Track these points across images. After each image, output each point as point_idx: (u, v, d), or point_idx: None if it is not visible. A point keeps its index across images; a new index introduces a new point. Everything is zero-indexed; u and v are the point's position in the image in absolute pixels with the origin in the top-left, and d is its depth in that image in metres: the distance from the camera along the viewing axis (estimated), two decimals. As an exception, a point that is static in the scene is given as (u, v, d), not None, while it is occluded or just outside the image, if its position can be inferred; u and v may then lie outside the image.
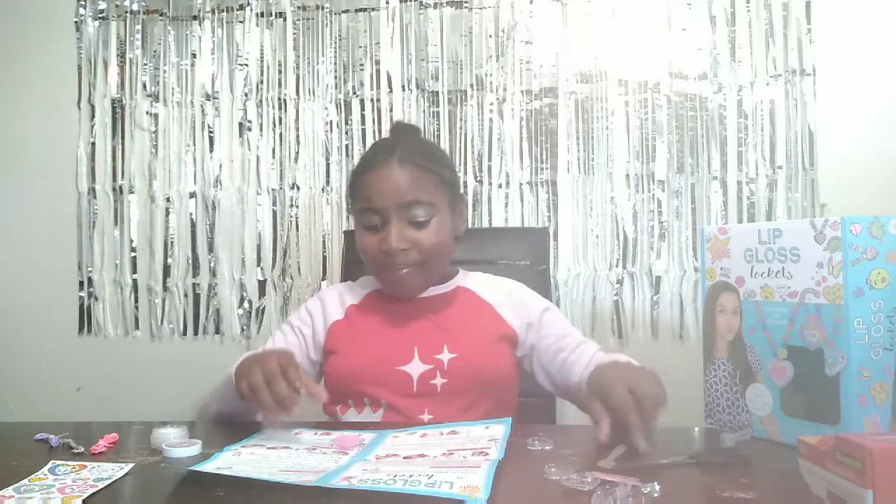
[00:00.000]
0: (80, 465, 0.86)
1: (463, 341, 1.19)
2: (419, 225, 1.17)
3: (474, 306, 1.25)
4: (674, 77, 1.92)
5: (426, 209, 1.17)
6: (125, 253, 2.07)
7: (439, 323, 1.21)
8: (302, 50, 2.02)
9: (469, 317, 1.23)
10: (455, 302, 1.25)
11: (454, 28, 1.98)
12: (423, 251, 1.17)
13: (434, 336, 1.19)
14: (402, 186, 1.16)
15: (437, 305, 1.24)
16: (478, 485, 0.72)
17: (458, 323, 1.22)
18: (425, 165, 1.19)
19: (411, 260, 1.17)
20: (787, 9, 1.89)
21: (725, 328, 1.02)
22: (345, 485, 0.73)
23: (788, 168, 1.89)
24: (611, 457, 0.84)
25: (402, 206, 1.16)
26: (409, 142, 1.22)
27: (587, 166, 1.94)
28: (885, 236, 0.87)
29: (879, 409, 0.86)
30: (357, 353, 1.20)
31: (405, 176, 1.17)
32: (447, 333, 1.20)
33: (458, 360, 1.17)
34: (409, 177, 1.17)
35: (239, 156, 2.04)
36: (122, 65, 2.07)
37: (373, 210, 1.17)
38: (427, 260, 1.19)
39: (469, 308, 1.24)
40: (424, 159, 1.20)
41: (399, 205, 1.16)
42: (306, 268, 2.01)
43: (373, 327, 1.23)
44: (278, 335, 1.28)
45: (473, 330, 1.21)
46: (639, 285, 1.92)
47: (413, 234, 1.17)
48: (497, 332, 1.22)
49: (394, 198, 1.16)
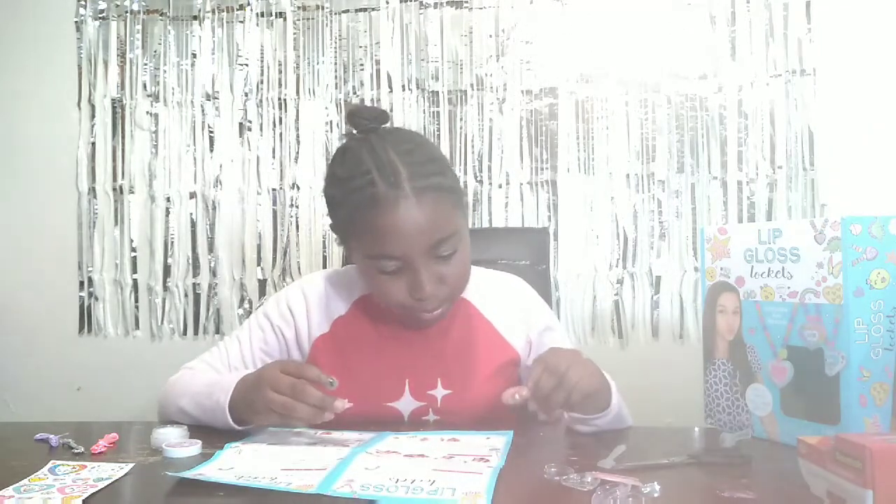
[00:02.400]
0: (80, 465, 0.86)
1: (458, 374, 1.10)
2: (446, 259, 1.03)
3: (474, 327, 1.14)
4: (674, 77, 1.92)
5: (453, 241, 1.02)
6: (125, 253, 2.07)
7: (434, 351, 1.11)
8: (302, 50, 2.02)
9: (468, 342, 1.13)
10: (454, 322, 1.13)
11: (454, 28, 1.98)
12: (454, 285, 1.06)
13: (428, 368, 1.10)
14: (425, 227, 0.98)
15: (433, 326, 1.11)
16: (480, 491, 0.72)
17: (455, 350, 1.12)
18: (439, 185, 1.01)
19: (443, 298, 1.05)
20: (787, 9, 1.89)
21: (725, 328, 1.02)
22: (346, 491, 0.73)
23: (788, 168, 1.89)
24: (611, 457, 0.84)
25: (430, 247, 1.00)
26: (405, 153, 1.02)
27: (587, 166, 1.94)
28: (885, 236, 0.87)
29: (879, 409, 0.86)
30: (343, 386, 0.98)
31: (426, 212, 0.98)
32: (442, 364, 1.10)
33: (453, 398, 1.09)
34: (431, 211, 0.99)
35: (239, 156, 2.04)
36: (122, 65, 2.07)
37: (391, 257, 1.00)
38: (455, 294, 1.08)
39: (468, 330, 1.14)
40: (435, 175, 1.01)
41: (427, 247, 1.00)
42: (306, 268, 2.01)
43: (361, 354, 1.12)
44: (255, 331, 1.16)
45: (471, 360, 1.11)
46: (639, 285, 1.92)
47: (442, 271, 1.03)
48: (497, 360, 1.13)
49: (419, 243, 0.99)
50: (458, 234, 1.03)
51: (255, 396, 0.93)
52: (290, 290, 1.20)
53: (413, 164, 1.00)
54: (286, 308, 1.17)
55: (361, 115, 1.07)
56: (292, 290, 1.19)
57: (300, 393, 0.89)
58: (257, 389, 0.93)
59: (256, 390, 0.93)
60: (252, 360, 1.17)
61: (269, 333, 1.17)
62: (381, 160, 1.00)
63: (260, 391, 0.92)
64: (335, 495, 0.72)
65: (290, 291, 1.19)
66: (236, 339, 1.18)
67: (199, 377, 1.12)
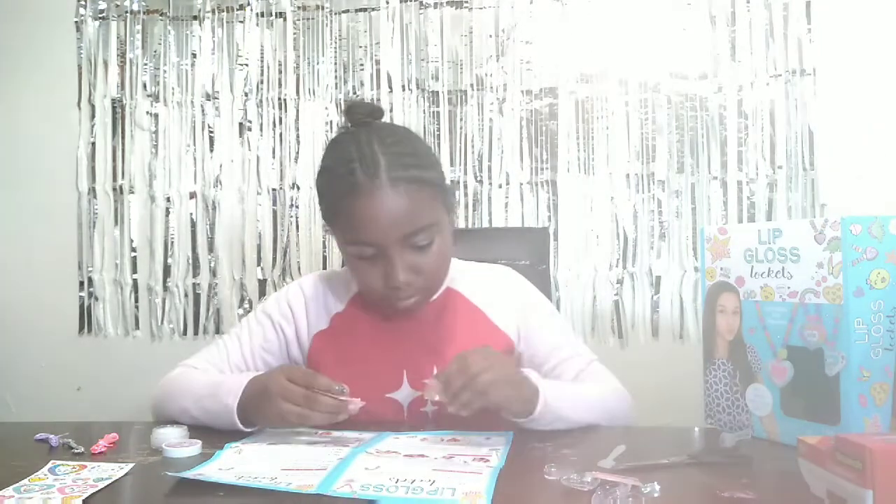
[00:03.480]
0: (80, 465, 0.86)
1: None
2: (422, 249, 1.06)
3: (465, 315, 1.16)
4: (674, 77, 1.92)
5: (429, 232, 1.05)
6: (125, 253, 2.07)
7: (428, 340, 1.14)
8: (302, 50, 2.02)
9: (460, 330, 1.15)
10: (445, 311, 1.16)
11: (454, 28, 1.98)
12: (429, 276, 1.09)
13: (423, 357, 1.12)
14: (400, 217, 1.02)
15: (427, 318, 1.15)
16: (480, 491, 0.72)
17: (449, 340, 1.13)
18: (419, 177, 1.05)
19: (418, 287, 1.08)
20: (787, 9, 1.89)
21: (725, 328, 1.02)
22: (346, 492, 0.73)
23: (788, 168, 1.89)
24: (611, 457, 0.84)
25: (404, 237, 1.04)
26: (388, 145, 1.06)
27: (587, 166, 1.94)
28: (885, 236, 0.87)
29: (879, 409, 0.86)
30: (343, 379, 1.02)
31: (401, 202, 1.02)
32: (436, 353, 1.11)
33: None
34: (406, 201, 1.02)
35: (239, 156, 2.04)
36: (122, 65, 2.07)
37: (366, 244, 1.05)
38: (432, 285, 1.11)
39: (460, 318, 1.16)
40: (415, 168, 1.05)
41: (401, 237, 1.03)
42: (306, 268, 2.01)
43: (359, 346, 1.15)
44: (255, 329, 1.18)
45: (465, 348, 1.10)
46: (639, 285, 1.92)
47: (417, 260, 1.06)
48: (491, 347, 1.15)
49: (393, 232, 1.03)
50: (435, 226, 1.06)
51: (267, 406, 0.94)
52: (290, 289, 1.23)
53: (393, 156, 1.04)
54: (286, 305, 1.20)
55: (356, 110, 1.13)
56: (292, 288, 1.22)
57: (314, 403, 0.91)
58: (268, 400, 0.94)
59: (267, 400, 0.94)
60: (252, 358, 1.18)
61: (269, 331, 1.19)
62: (363, 151, 1.05)
63: (272, 402, 0.93)
64: (335, 495, 0.72)
65: (290, 289, 1.22)
66: (236, 336, 1.19)
67: (201, 377, 1.12)
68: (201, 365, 1.17)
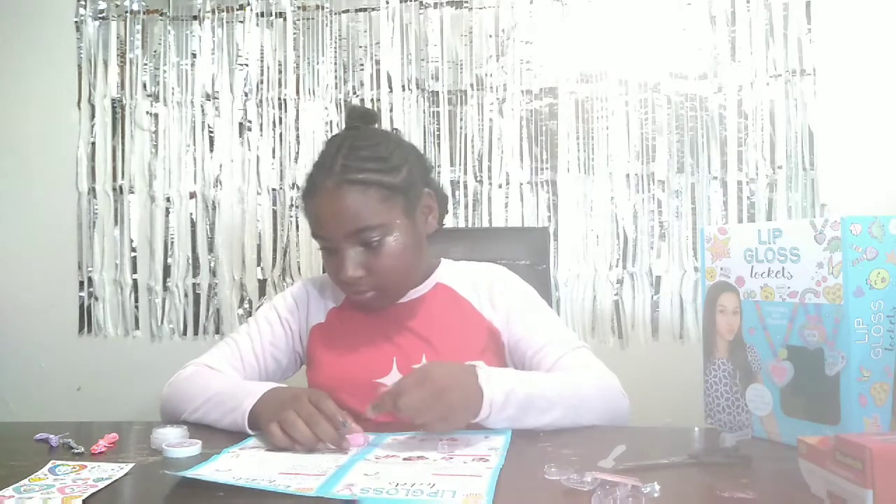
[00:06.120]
0: (80, 465, 0.86)
1: (441, 349, 1.15)
2: (372, 248, 1.11)
3: (453, 305, 1.20)
4: (674, 77, 1.92)
5: (376, 231, 1.10)
6: (125, 253, 2.07)
7: (418, 329, 1.18)
8: (302, 50, 2.02)
9: (450, 320, 1.19)
10: (434, 303, 1.21)
11: (454, 28, 1.98)
12: (381, 275, 1.12)
13: (413, 345, 1.16)
14: (343, 215, 1.09)
15: (416, 309, 1.20)
16: (481, 492, 0.72)
17: (438, 328, 1.18)
18: (368, 180, 1.10)
19: (371, 284, 1.13)
20: (787, 9, 1.89)
21: (725, 328, 1.02)
22: (346, 494, 0.73)
23: (788, 168, 1.89)
24: (611, 457, 0.84)
25: (349, 234, 1.10)
26: (351, 149, 1.13)
27: (587, 166, 1.94)
28: (885, 236, 0.86)
29: (879, 409, 0.86)
30: (335, 365, 1.17)
31: (346, 202, 1.09)
32: (426, 341, 1.16)
33: None
34: (351, 201, 1.09)
35: (239, 156, 2.04)
36: (122, 65, 2.07)
37: (321, 237, 1.14)
38: (386, 283, 1.14)
39: (449, 309, 1.20)
40: (367, 171, 1.10)
41: (345, 234, 1.10)
42: (306, 268, 2.01)
43: (351, 336, 1.19)
44: (264, 327, 1.23)
45: (452, 335, 1.17)
46: (639, 285, 1.92)
47: (367, 259, 1.11)
48: (481, 336, 1.18)
49: (338, 228, 1.10)
50: (386, 227, 1.11)
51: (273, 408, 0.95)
52: (295, 286, 1.31)
53: (353, 160, 1.11)
54: (292, 300, 1.27)
55: (350, 114, 1.26)
56: (296, 285, 1.31)
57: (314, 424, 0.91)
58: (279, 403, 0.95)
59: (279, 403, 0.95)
60: (262, 354, 1.23)
61: (276, 327, 1.25)
62: (330, 153, 1.14)
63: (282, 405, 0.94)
64: (335, 497, 0.72)
65: (295, 287, 1.31)
66: (246, 334, 1.24)
67: (218, 376, 1.14)
68: (215, 363, 1.19)
